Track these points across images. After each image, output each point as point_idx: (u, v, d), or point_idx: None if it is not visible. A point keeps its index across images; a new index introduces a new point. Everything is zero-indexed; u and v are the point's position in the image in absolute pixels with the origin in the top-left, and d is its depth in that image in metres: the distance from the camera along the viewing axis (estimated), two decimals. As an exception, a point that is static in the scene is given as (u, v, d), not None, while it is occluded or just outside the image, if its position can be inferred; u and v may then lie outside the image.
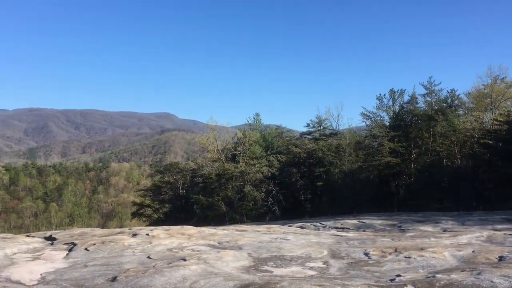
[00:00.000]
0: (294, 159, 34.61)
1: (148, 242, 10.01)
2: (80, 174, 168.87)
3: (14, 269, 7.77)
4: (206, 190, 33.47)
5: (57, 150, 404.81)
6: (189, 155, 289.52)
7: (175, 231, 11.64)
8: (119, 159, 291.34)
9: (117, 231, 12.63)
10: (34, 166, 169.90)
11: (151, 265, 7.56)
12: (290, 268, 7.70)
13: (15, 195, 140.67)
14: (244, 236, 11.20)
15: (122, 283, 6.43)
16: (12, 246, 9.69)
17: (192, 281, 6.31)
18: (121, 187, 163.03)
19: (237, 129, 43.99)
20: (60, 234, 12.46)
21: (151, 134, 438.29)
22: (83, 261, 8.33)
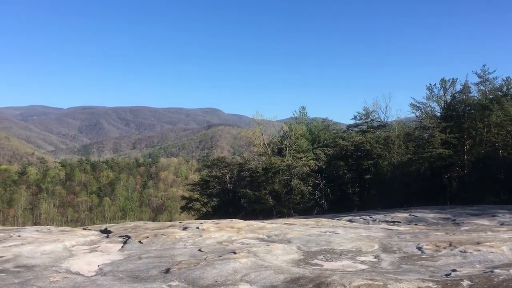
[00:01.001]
0: (341, 152, 34.20)
1: (198, 235, 10.19)
2: (131, 170, 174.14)
3: (73, 260, 8.12)
4: (253, 184, 33.69)
5: (109, 146, 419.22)
6: (235, 150, 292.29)
7: (225, 225, 11.78)
8: (167, 154, 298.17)
9: (168, 225, 12.93)
10: (88, 162, 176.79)
11: (202, 258, 7.69)
12: (341, 262, 7.62)
13: (71, 190, 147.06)
14: (292, 230, 11.19)
15: (175, 275, 6.58)
16: (71, 239, 10.12)
17: (243, 274, 6.37)
18: (170, 182, 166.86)
19: (283, 122, 43.91)
20: (114, 227, 12.90)
21: (198, 129, 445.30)
22: (137, 254, 8.59)
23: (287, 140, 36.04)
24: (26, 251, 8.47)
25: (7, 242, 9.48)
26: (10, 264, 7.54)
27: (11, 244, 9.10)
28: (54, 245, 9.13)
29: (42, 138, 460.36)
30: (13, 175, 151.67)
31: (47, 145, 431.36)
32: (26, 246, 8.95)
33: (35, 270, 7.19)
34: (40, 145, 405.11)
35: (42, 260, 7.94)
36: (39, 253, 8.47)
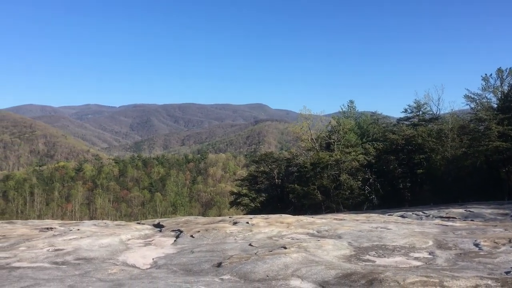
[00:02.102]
0: (391, 146, 33.40)
1: (248, 230, 10.28)
2: (181, 165, 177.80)
3: (129, 253, 8.41)
4: (301, 179, 33.56)
5: (159, 143, 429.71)
6: (282, 145, 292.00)
7: (274, 220, 11.82)
8: (215, 150, 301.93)
9: (219, 219, 13.12)
10: (140, 159, 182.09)
11: (253, 253, 7.75)
12: (393, 258, 7.47)
13: (124, 186, 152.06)
14: (343, 225, 11.07)
15: (227, 269, 6.67)
16: (126, 233, 10.48)
17: (294, 268, 6.37)
18: (219, 177, 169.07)
19: (331, 117, 43.46)
20: (167, 222, 13.24)
21: (245, 125, 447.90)
22: (189, 248, 8.78)
23: (335, 135, 35.62)
24: (85, 244, 8.85)
25: (67, 235, 9.94)
26: (71, 256, 7.90)
27: (71, 238, 9.54)
28: (110, 239, 9.49)
29: (97, 136, 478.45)
30: (70, 172, 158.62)
31: (101, 143, 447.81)
32: (85, 239, 9.34)
33: (94, 263, 7.50)
34: (95, 143, 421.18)
35: (100, 253, 8.27)
36: (97, 246, 8.83)
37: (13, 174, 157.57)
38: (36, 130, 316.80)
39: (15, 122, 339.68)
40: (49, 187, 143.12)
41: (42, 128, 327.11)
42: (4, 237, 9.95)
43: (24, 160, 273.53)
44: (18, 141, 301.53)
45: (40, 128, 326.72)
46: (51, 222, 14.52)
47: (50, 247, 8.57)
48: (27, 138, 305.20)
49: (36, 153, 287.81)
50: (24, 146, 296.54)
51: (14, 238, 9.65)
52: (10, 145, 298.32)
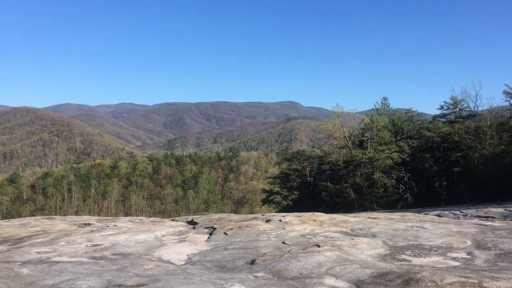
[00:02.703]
0: (426, 144, 32.66)
1: (281, 228, 10.27)
2: (213, 163, 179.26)
3: (164, 250, 8.55)
4: (333, 177, 33.28)
5: (192, 140, 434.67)
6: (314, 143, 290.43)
7: (307, 218, 11.77)
8: (247, 148, 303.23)
9: (251, 217, 13.16)
10: (173, 156, 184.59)
11: (286, 250, 7.74)
12: (430, 258, 7.31)
13: (158, 183, 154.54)
14: (377, 224, 10.91)
15: (260, 266, 6.69)
16: (161, 229, 10.65)
17: (328, 267, 6.33)
18: (250, 175, 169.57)
19: (364, 114, 42.81)
20: (200, 219, 13.39)
21: (277, 123, 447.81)
22: (223, 245, 8.84)
23: (368, 132, 35.14)
24: (121, 240, 9.05)
25: (104, 231, 10.19)
26: (108, 252, 8.10)
27: (108, 233, 9.77)
28: (146, 235, 9.67)
29: (131, 134, 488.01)
30: (106, 169, 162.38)
31: (136, 140, 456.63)
32: (122, 235, 9.55)
33: (130, 258, 7.66)
34: (129, 141, 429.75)
35: (136, 249, 8.44)
36: (133, 242, 9.01)
37: (52, 172, 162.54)
38: (73, 128, 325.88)
39: (53, 121, 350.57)
40: (86, 184, 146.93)
41: (79, 127, 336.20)
42: (45, 232, 10.29)
43: (62, 158, 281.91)
44: (56, 139, 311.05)
45: (77, 126, 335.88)
46: (89, 218, 14.92)
47: (88, 242, 8.81)
48: (65, 136, 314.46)
49: (73, 151, 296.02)
50: (62, 144, 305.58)
51: (54, 233, 9.96)
52: (49, 143, 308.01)
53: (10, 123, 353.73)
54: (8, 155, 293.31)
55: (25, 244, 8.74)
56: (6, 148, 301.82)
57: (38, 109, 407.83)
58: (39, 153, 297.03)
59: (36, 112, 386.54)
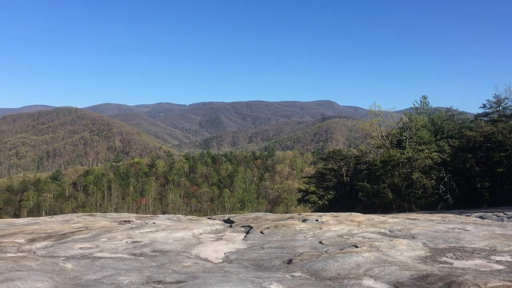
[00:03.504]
0: (468, 144, 31.67)
1: (318, 227, 10.21)
2: (248, 162, 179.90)
3: (202, 247, 8.66)
4: (370, 177, 32.78)
5: (227, 140, 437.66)
6: (350, 142, 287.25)
7: (344, 218, 11.65)
8: (282, 147, 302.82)
9: (287, 216, 13.14)
10: (209, 155, 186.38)
11: (323, 250, 7.70)
12: (473, 261, 7.10)
13: (194, 182, 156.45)
14: (416, 225, 10.68)
15: (297, 265, 6.68)
16: (198, 227, 10.78)
17: (366, 268, 6.25)
18: (286, 174, 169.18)
19: (402, 113, 41.91)
20: (236, 218, 13.47)
21: (313, 122, 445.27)
22: (259, 243, 8.87)
23: (407, 132, 34.41)
24: (160, 237, 9.22)
25: (144, 228, 10.40)
26: (148, 248, 8.27)
27: (147, 230, 9.97)
28: (184, 233, 9.82)
29: (168, 133, 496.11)
30: (144, 168, 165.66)
31: (172, 140, 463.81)
32: (160, 232, 9.73)
33: (169, 255, 7.80)
34: (167, 140, 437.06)
35: (175, 246, 8.58)
36: (171, 239, 9.17)
37: (93, 170, 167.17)
38: (113, 128, 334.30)
39: (94, 121, 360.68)
40: (125, 182, 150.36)
41: (119, 126, 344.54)
42: (87, 228, 10.60)
43: (102, 156, 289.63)
44: (97, 138, 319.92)
45: (117, 126, 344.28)
46: (128, 216, 15.27)
47: (128, 239, 9.02)
48: (105, 135, 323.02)
49: (113, 150, 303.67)
50: (102, 143, 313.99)
51: (96, 230, 10.24)
52: (90, 142, 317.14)
53: (53, 123, 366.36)
54: (51, 153, 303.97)
55: (69, 240, 9.03)
56: (50, 147, 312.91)
57: (79, 109, 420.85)
58: (80, 151, 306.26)
59: (78, 111, 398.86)
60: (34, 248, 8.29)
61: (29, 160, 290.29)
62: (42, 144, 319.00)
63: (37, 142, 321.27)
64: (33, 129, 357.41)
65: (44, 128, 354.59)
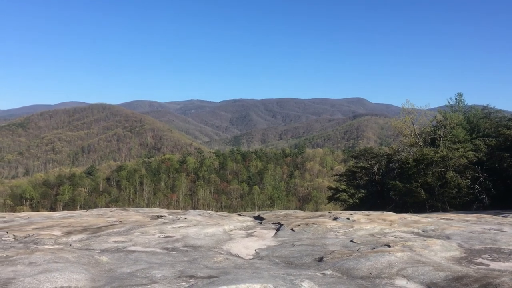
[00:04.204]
0: (505, 143, 30.69)
1: (349, 226, 10.12)
2: (278, 160, 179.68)
3: (232, 243, 8.72)
4: (403, 176, 32.22)
5: (257, 137, 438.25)
6: (382, 140, 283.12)
7: (376, 217, 11.50)
8: (313, 145, 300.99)
9: (318, 214, 13.07)
10: (239, 152, 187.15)
11: (354, 249, 7.63)
12: (510, 262, 6.90)
13: (224, 178, 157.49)
14: (451, 225, 10.45)
15: (328, 264, 6.64)
16: (229, 223, 10.86)
17: (399, 268, 6.17)
18: (316, 172, 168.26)
19: (436, 111, 40.97)
20: (267, 215, 13.49)
21: (343, 120, 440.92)
22: (290, 241, 8.87)
23: (441, 130, 33.64)
24: (192, 233, 9.34)
25: (175, 223, 10.55)
26: (180, 243, 8.39)
27: (179, 226, 10.11)
28: (215, 229, 9.90)
29: (199, 130, 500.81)
30: (175, 164, 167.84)
31: (203, 136, 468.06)
32: (192, 228, 9.85)
33: (200, 250, 7.89)
34: (197, 136, 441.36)
35: (206, 242, 8.68)
36: (202, 235, 9.27)
37: (125, 165, 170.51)
38: (145, 124, 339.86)
39: (127, 117, 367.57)
40: (156, 178, 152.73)
41: (150, 123, 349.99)
42: (121, 222, 10.83)
43: (134, 152, 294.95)
44: (129, 134, 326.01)
45: (149, 122, 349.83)
46: (160, 211, 15.52)
47: (161, 233, 9.17)
48: (137, 131, 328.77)
49: (145, 146, 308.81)
50: (134, 139, 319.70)
51: (129, 224, 10.46)
52: (123, 138, 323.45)
53: (88, 119, 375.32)
54: (86, 149, 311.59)
55: (103, 234, 9.25)
56: (84, 143, 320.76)
57: (113, 106, 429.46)
58: (113, 147, 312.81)
59: (111, 108, 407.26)
60: (70, 241, 8.53)
61: (65, 155, 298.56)
62: (77, 139, 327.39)
63: (73, 137, 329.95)
64: (68, 125, 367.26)
65: (79, 124, 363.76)
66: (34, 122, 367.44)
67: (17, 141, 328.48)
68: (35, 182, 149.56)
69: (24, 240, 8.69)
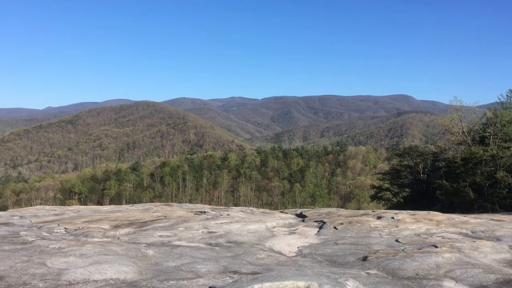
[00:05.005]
0: (561, 141, 29.24)
1: (394, 225, 9.93)
2: (320, 157, 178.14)
3: (275, 241, 8.74)
4: (450, 175, 31.23)
5: (299, 134, 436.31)
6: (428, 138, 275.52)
7: (422, 216, 11.22)
8: (355, 143, 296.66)
9: (361, 213, 12.90)
10: (280, 150, 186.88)
11: (400, 249, 7.48)
12: None
13: (265, 175, 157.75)
14: (502, 227, 10.05)
15: (373, 263, 6.55)
16: (271, 221, 10.88)
17: (447, 269, 6.00)
18: (358, 170, 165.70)
19: (486, 108, 39.44)
20: (309, 212, 13.43)
21: (387, 117, 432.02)
22: (333, 239, 8.79)
23: (491, 128, 32.35)
24: (234, 229, 9.42)
25: (218, 219, 10.68)
26: (223, 239, 8.49)
27: (222, 222, 10.23)
28: (257, 225, 9.95)
29: (240, 127, 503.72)
30: (217, 160, 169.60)
31: (244, 133, 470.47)
32: (234, 224, 9.94)
33: (243, 247, 7.95)
34: (239, 133, 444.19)
35: (248, 238, 8.74)
36: (245, 231, 9.34)
37: (169, 161, 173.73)
38: (188, 121, 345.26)
39: (170, 114, 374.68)
40: (199, 174, 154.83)
41: (193, 120, 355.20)
42: (165, 217, 11.08)
43: (177, 149, 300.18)
44: (172, 131, 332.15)
45: (191, 119, 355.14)
46: (202, 207, 15.75)
47: (204, 229, 9.31)
48: (180, 128, 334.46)
49: (187, 143, 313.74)
50: (177, 136, 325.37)
51: (174, 219, 10.67)
52: (166, 134, 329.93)
53: (133, 116, 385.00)
54: (131, 145, 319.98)
55: (149, 228, 9.49)
56: (130, 139, 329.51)
57: (157, 103, 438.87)
58: (157, 144, 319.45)
59: (155, 105, 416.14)
60: (118, 234, 8.81)
61: (111, 151, 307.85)
62: (123, 136, 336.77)
63: (119, 134, 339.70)
64: (115, 122, 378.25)
65: (125, 121, 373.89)
66: (83, 119, 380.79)
67: (67, 137, 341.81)
68: (83, 177, 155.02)
69: (75, 232, 9.04)
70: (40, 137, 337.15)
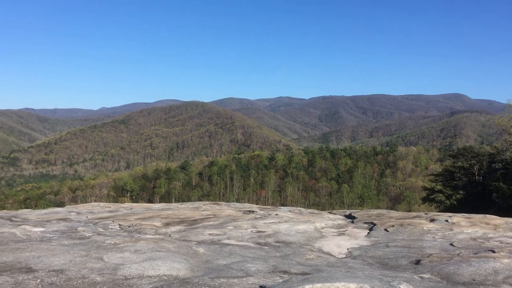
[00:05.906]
0: None
1: (448, 228, 9.60)
2: (368, 158, 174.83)
3: (324, 241, 8.67)
4: (507, 177, 29.88)
5: (347, 134, 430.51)
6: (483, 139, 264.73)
7: (478, 220, 10.79)
8: (405, 143, 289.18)
9: (413, 215, 12.56)
10: (327, 150, 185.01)
11: (455, 253, 7.23)
12: None
13: (312, 176, 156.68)
14: None
15: (426, 267, 6.37)
16: (320, 221, 10.80)
17: (506, 275, 5.75)
18: (409, 171, 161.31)
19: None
20: (358, 214, 13.22)
21: (440, 117, 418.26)
22: (384, 241, 8.62)
23: (552, 128, 30.70)
24: (283, 229, 9.42)
25: (267, 219, 10.72)
26: (271, 239, 8.51)
27: (270, 221, 10.26)
28: (306, 226, 9.91)
29: (287, 127, 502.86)
30: (264, 160, 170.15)
31: (292, 133, 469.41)
32: (283, 224, 9.94)
33: (292, 247, 7.94)
34: (286, 133, 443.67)
35: (297, 238, 8.72)
36: (294, 231, 9.32)
37: (216, 161, 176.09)
38: (235, 121, 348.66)
39: (218, 114, 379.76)
40: (246, 174, 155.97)
41: (240, 119, 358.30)
42: (215, 216, 11.24)
43: (225, 148, 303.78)
44: (220, 131, 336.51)
45: (239, 119, 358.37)
46: (250, 206, 15.84)
47: (253, 228, 9.37)
48: (228, 128, 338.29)
49: (235, 142, 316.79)
50: (225, 136, 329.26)
51: (223, 218, 10.81)
52: (214, 134, 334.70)
53: (182, 116, 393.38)
54: (180, 144, 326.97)
55: (199, 226, 9.66)
56: (179, 138, 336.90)
57: (205, 103, 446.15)
58: (205, 143, 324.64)
59: (204, 106, 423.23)
60: (169, 232, 9.03)
61: (161, 151, 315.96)
62: (173, 135, 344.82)
63: (168, 134, 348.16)
64: (165, 122, 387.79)
65: (174, 121, 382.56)
66: (134, 119, 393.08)
67: (120, 136, 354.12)
68: (135, 175, 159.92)
69: (128, 229, 9.35)
70: (95, 136, 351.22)
